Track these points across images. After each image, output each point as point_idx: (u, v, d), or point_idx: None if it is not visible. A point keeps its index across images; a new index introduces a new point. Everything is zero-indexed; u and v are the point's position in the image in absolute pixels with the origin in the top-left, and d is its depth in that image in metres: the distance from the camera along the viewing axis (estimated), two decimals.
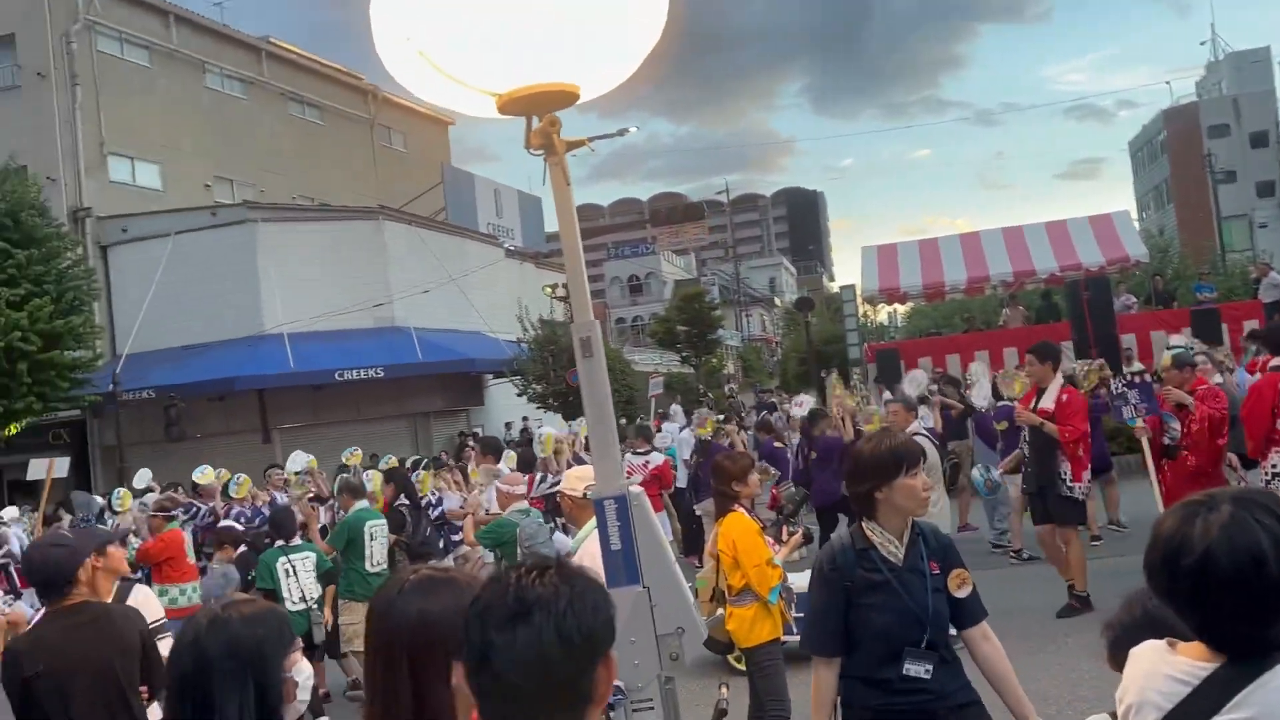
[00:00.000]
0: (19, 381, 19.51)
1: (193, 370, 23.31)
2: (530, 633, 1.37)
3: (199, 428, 23.05)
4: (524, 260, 34.64)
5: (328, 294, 24.41)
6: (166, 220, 25.59)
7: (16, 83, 25.94)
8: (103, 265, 25.41)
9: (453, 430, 27.78)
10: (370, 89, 37.30)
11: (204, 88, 30.27)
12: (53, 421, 22.73)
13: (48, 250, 20.71)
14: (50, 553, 3.97)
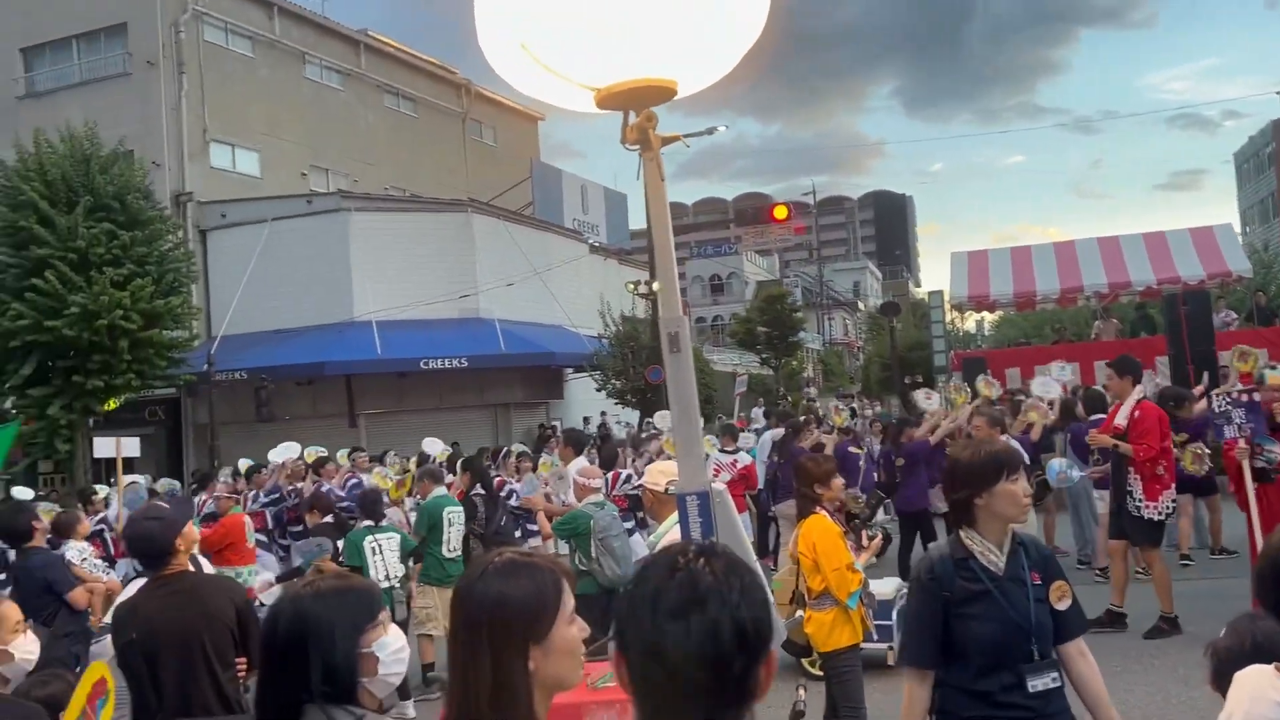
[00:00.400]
0: (119, 358, 20.21)
1: (283, 354, 23.92)
2: (705, 623, 1.32)
3: (287, 410, 23.64)
4: (607, 256, 34.81)
5: (415, 283, 24.84)
6: (263, 207, 26.30)
7: (128, 70, 26.89)
8: (202, 249, 26.21)
9: (532, 422, 28.07)
10: (463, 83, 37.84)
11: (303, 78, 31.02)
12: (149, 399, 23.50)
13: (151, 232, 21.39)
14: (146, 526, 4.11)
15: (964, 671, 3.19)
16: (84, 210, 19.95)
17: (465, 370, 24.96)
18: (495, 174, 37.23)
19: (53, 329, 19.23)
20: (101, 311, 19.38)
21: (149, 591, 4.15)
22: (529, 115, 42.11)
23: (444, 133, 36.73)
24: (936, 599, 3.21)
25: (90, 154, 20.78)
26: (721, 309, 64.60)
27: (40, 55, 28.35)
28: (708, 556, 1.40)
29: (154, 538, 4.09)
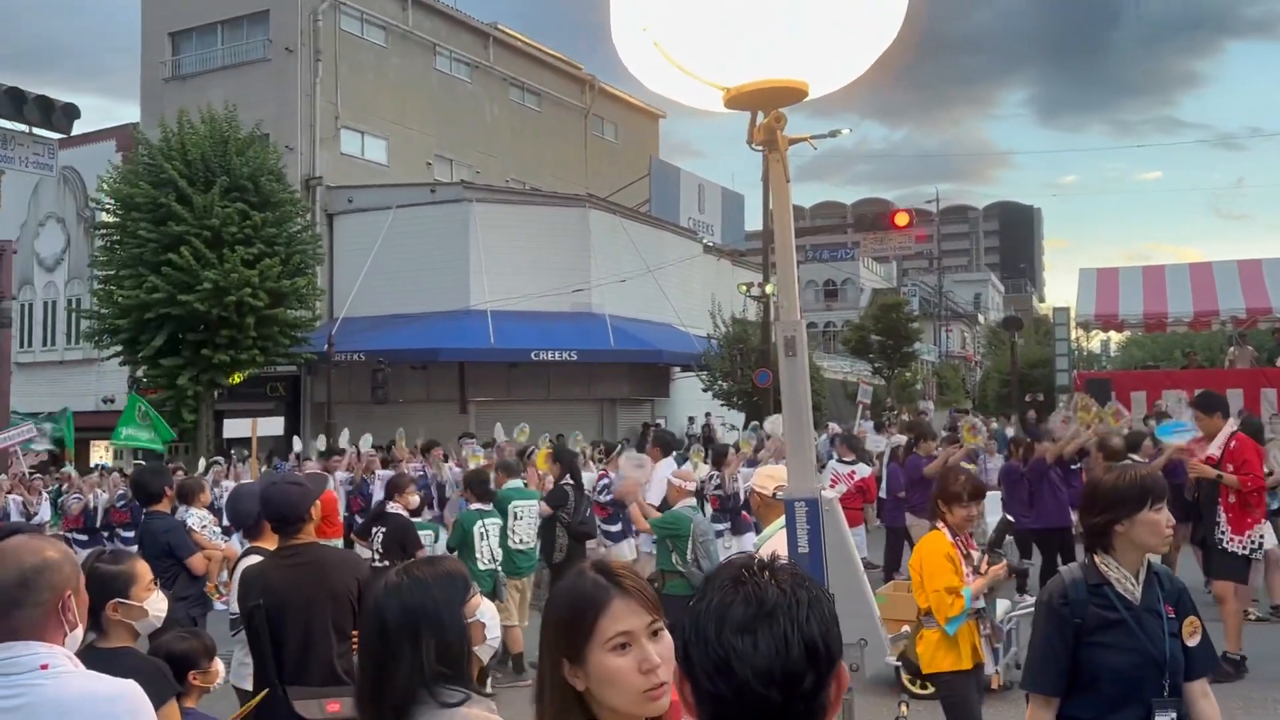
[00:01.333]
0: (246, 334, 21.04)
1: (400, 338, 24.53)
2: (773, 638, 1.28)
3: (401, 393, 24.24)
4: (721, 257, 34.71)
5: (530, 275, 25.18)
6: (389, 194, 27.01)
7: (267, 56, 27.93)
8: (328, 232, 27.06)
9: (637, 419, 28.17)
10: (588, 79, 38.19)
11: (433, 69, 31.74)
12: (272, 375, 24.38)
13: (281, 214, 22.20)
14: (288, 490, 4.28)
15: (1090, 702, 3.08)
16: (220, 190, 20.81)
17: (574, 363, 25.21)
18: (614, 170, 37.48)
19: (185, 303, 20.12)
20: (231, 288, 20.20)
21: (277, 559, 4.29)
22: (651, 113, 42.27)
23: (566, 128, 37.14)
24: (1068, 625, 3.10)
25: (229, 136, 21.66)
26: (834, 315, 63.81)
27: (187, 39, 29.64)
28: (773, 570, 1.36)
29: (293, 503, 4.23)
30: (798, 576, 1.36)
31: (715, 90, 2.75)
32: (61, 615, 2.28)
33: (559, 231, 26.52)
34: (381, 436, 20.64)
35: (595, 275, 25.98)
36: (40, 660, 2.19)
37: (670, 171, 36.03)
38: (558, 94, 36.78)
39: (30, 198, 30.32)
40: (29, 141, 12.52)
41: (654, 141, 42.51)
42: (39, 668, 2.19)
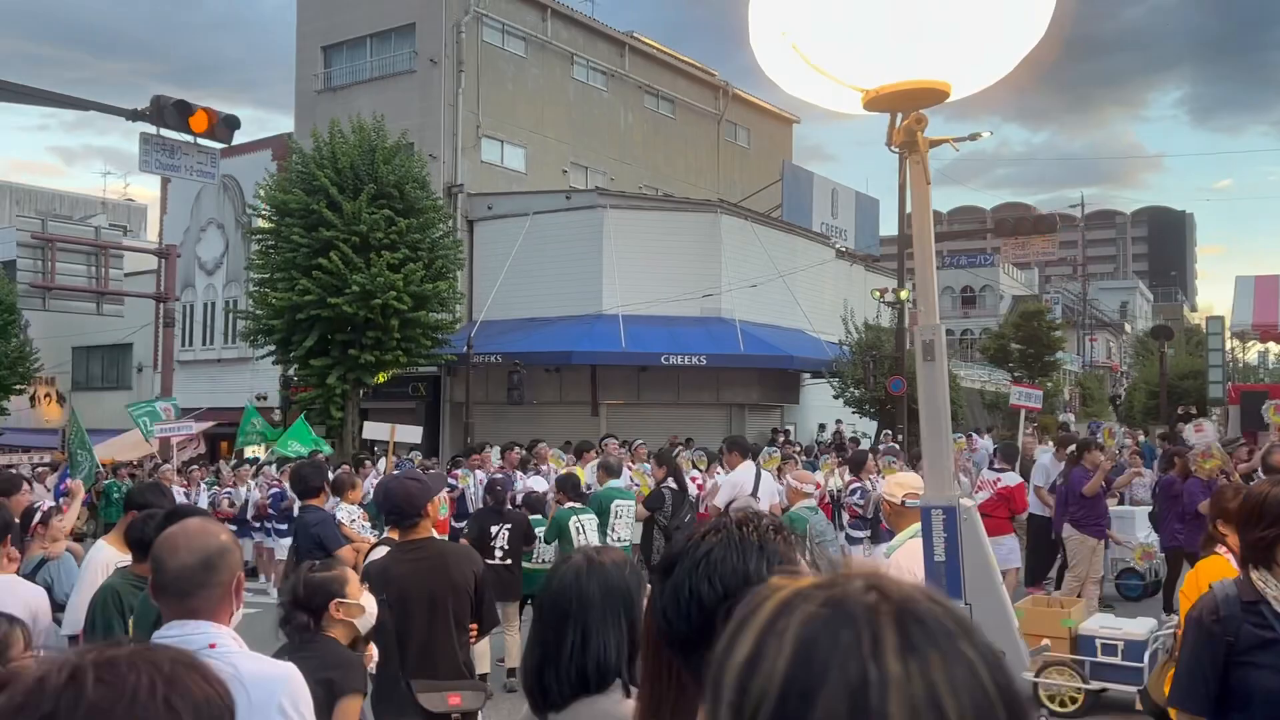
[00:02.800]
0: (390, 336, 21.83)
1: (535, 341, 25.02)
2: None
3: (536, 395, 24.72)
4: (854, 262, 34.22)
5: (662, 280, 25.35)
6: (526, 200, 27.60)
7: (413, 68, 28.91)
8: (468, 238, 27.79)
9: (766, 425, 28.02)
10: (721, 85, 38.22)
11: (570, 78, 32.29)
12: (413, 375, 25.18)
13: (424, 220, 22.95)
14: (407, 485, 4.46)
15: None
16: (367, 197, 21.65)
17: (704, 368, 25.25)
18: (746, 176, 37.38)
19: (334, 305, 20.99)
20: (377, 292, 20.98)
21: (399, 554, 4.45)
22: (784, 118, 42.00)
23: (699, 134, 37.25)
24: (1219, 643, 2.96)
25: (376, 145, 22.51)
26: (972, 322, 62.06)
27: (338, 53, 30.92)
28: None
29: (412, 497, 4.41)
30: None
31: (854, 93, 2.75)
32: (234, 597, 2.43)
33: (690, 237, 26.62)
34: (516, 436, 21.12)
35: (726, 280, 25.97)
36: (209, 640, 2.33)
37: (803, 176, 35.71)
38: (691, 100, 36.92)
39: (193, 205, 32.14)
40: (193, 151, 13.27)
41: (787, 146, 42.22)
42: (207, 647, 2.33)
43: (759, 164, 38.40)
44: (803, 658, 0.74)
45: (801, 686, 0.73)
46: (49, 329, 32.06)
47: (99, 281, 21.79)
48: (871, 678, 0.71)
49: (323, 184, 21.68)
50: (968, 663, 0.73)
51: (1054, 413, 35.80)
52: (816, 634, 0.75)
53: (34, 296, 21.62)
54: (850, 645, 0.73)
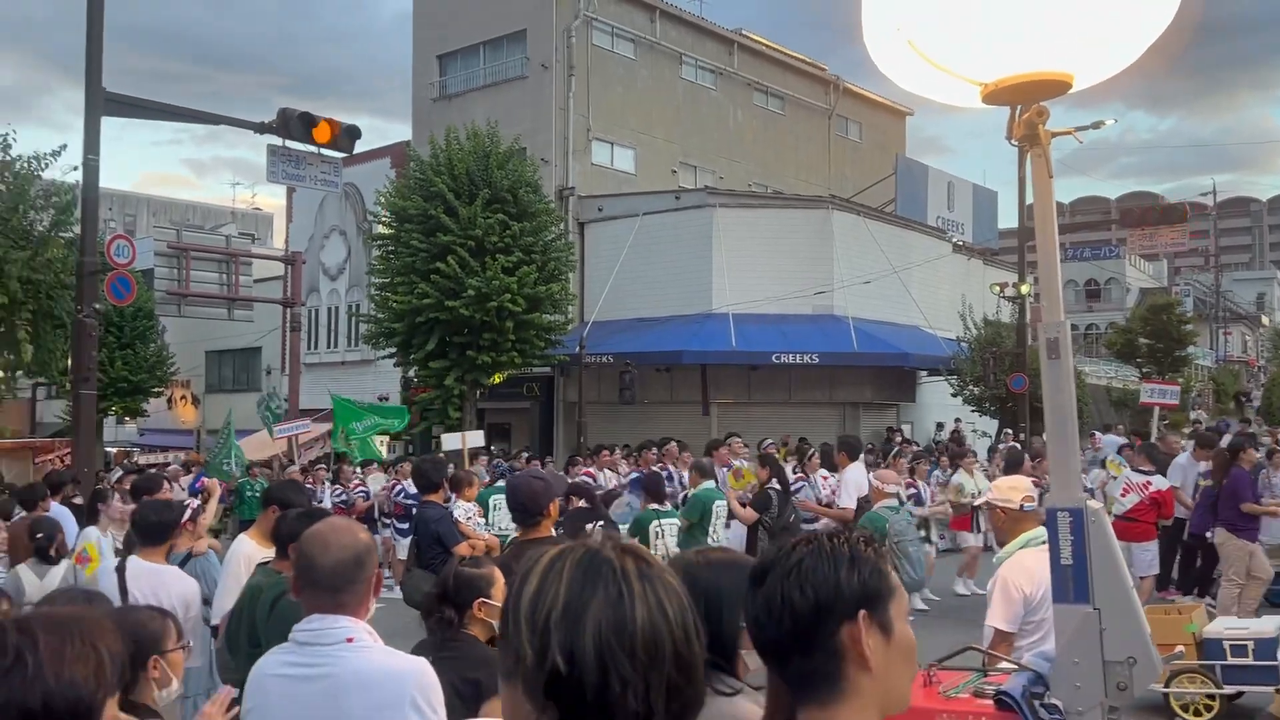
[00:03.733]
0: (505, 338, 22.24)
1: (645, 341, 25.15)
2: None
3: (646, 394, 24.86)
4: (971, 256, 33.40)
5: (772, 278, 25.19)
6: (635, 201, 27.77)
7: (525, 73, 29.37)
8: (579, 239, 28.10)
9: (881, 424, 27.58)
10: (832, 80, 37.76)
11: (679, 78, 32.34)
12: (528, 376, 25.59)
13: (538, 224, 23.31)
14: (532, 484, 4.56)
15: None
16: (482, 202, 22.09)
17: (816, 367, 24.98)
18: (858, 170, 36.84)
19: (452, 308, 21.48)
20: (492, 294, 21.39)
21: (518, 553, 4.56)
22: (897, 111, 41.27)
23: (809, 129, 36.88)
24: None
25: (490, 151, 22.94)
26: (1096, 317, 59.97)
27: (453, 61, 31.61)
28: None
29: (536, 496, 4.50)
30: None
31: (972, 86, 2.70)
32: (372, 594, 2.52)
33: (801, 234, 26.38)
34: (628, 436, 21.28)
35: (838, 277, 25.65)
36: (346, 634, 2.42)
37: (917, 169, 35.01)
38: (801, 96, 36.57)
39: (316, 213, 33.29)
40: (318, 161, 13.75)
41: (900, 139, 41.46)
42: (344, 640, 2.42)
43: (871, 158, 37.80)
44: (577, 584, 1.19)
45: (578, 602, 1.17)
46: (184, 334, 33.65)
47: (230, 288, 22.73)
48: (624, 592, 1.18)
49: (440, 190, 22.20)
50: (675, 588, 1.23)
51: (1185, 410, 34.33)
52: (585, 570, 1.20)
53: (170, 303, 22.65)
54: (608, 575, 1.19)
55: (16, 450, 18.94)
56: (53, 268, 20.14)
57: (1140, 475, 10.61)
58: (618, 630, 1.15)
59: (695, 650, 1.21)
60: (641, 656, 1.15)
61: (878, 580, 1.56)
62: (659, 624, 1.18)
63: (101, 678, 1.37)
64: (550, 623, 1.17)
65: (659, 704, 1.15)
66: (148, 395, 32.79)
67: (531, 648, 1.17)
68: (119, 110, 12.29)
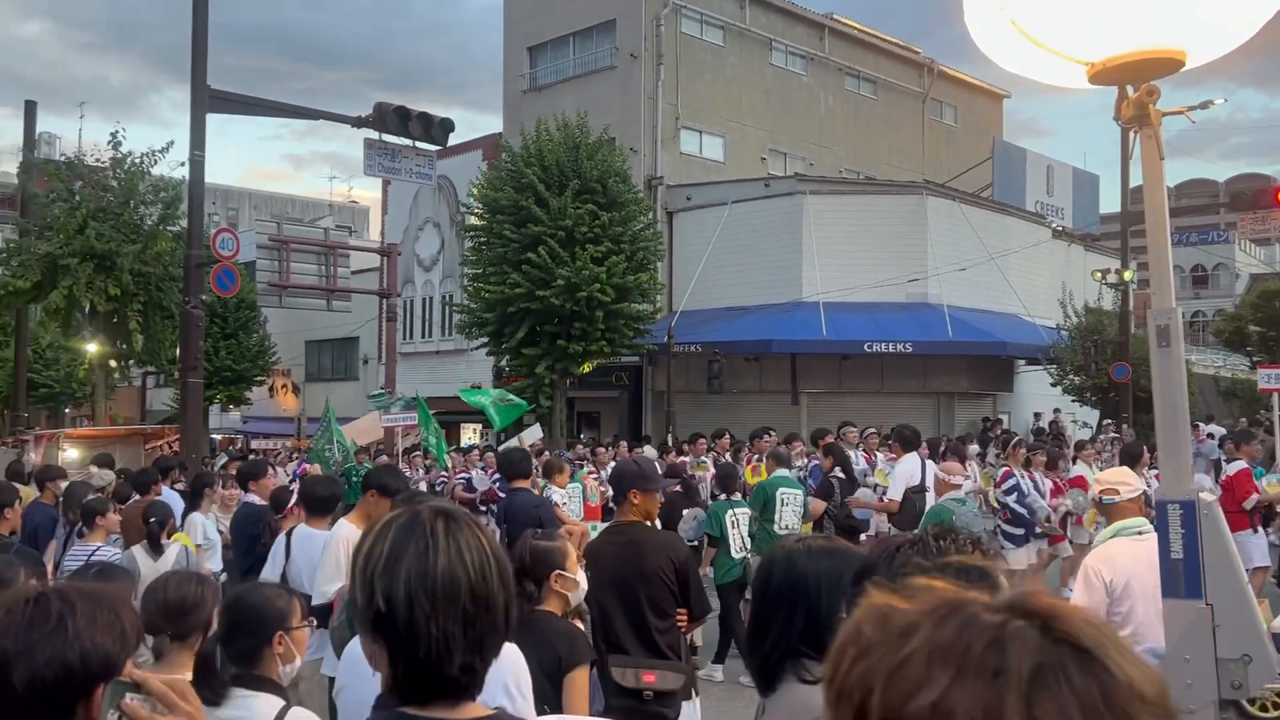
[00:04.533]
0: (595, 327, 22.39)
1: (734, 330, 25.05)
2: None
3: (735, 384, 24.76)
4: (1072, 242, 32.46)
5: (864, 266, 24.84)
6: (724, 190, 27.64)
7: (614, 64, 29.45)
8: (668, 229, 28.09)
9: (976, 414, 27.02)
10: (926, 63, 37.01)
11: (769, 65, 32.06)
12: (616, 365, 25.73)
13: (626, 214, 23.39)
14: (628, 466, 4.62)
15: None
16: (572, 192, 22.25)
17: (909, 355, 24.58)
18: (953, 155, 36.09)
19: (542, 298, 21.71)
20: (582, 284, 21.55)
21: (607, 535, 4.66)
22: (994, 93, 40.28)
23: (902, 114, 36.24)
24: None
25: (580, 141, 23.09)
26: (1204, 304, 57.78)
27: (543, 53, 31.85)
28: None
29: (622, 480, 4.56)
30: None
31: (1079, 66, 2.63)
32: None
33: (894, 220, 25.95)
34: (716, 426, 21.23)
35: (933, 264, 25.17)
36: None
37: (1015, 153, 34.12)
38: (894, 80, 35.94)
39: (411, 205, 33.92)
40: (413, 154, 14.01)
41: (997, 122, 40.47)
42: None
43: (967, 142, 36.99)
44: (397, 539, 1.48)
45: (398, 551, 1.47)
46: (284, 324, 34.65)
47: (328, 279, 23.36)
48: (430, 544, 1.47)
49: (530, 181, 22.43)
50: (479, 540, 1.51)
51: None
52: (403, 530, 1.49)
53: (271, 294, 23.41)
54: (419, 533, 1.48)
55: (129, 436, 19.74)
56: (161, 260, 20.98)
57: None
58: (421, 576, 1.45)
59: (493, 588, 1.50)
60: (440, 595, 1.45)
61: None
62: (457, 569, 1.46)
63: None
64: (375, 574, 1.47)
65: (455, 630, 1.45)
66: (250, 384, 33.87)
67: (363, 595, 1.49)
68: (223, 107, 12.70)
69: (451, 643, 1.46)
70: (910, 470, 9.66)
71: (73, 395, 33.04)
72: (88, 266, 20.13)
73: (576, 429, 27.60)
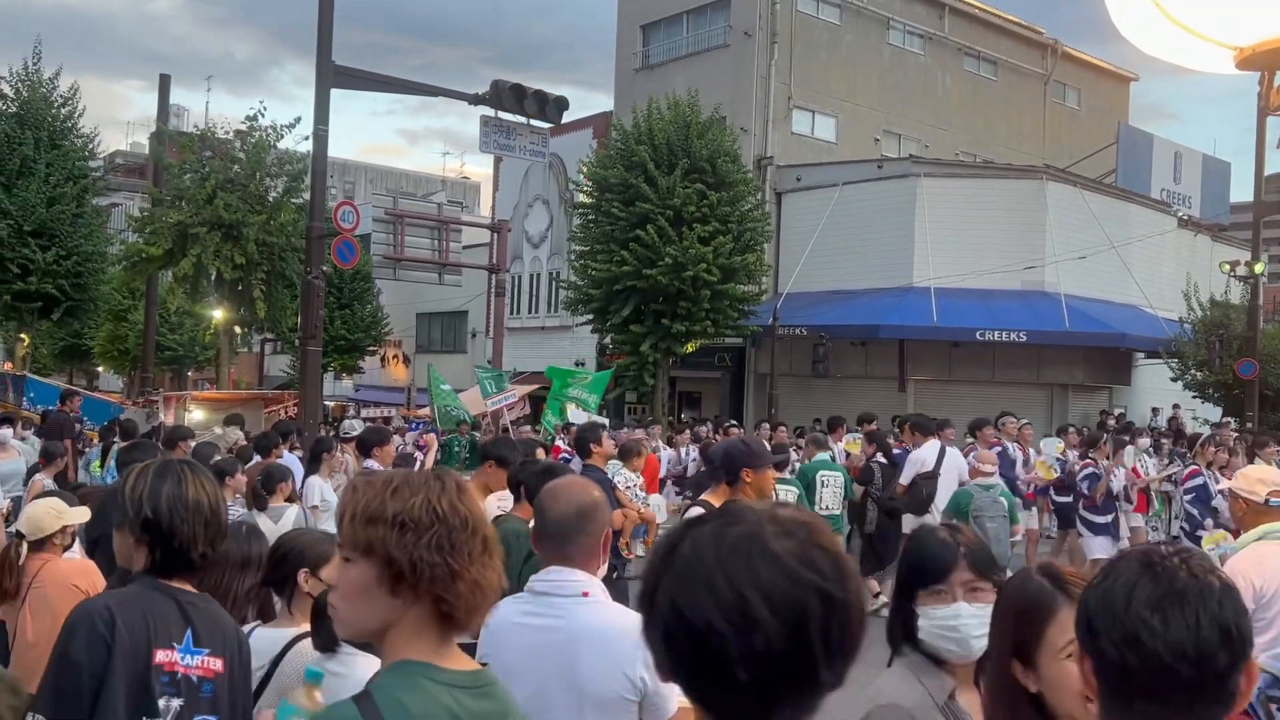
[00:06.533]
0: (699, 307, 22.40)
1: (841, 314, 24.72)
2: (1184, 617, 1.31)
3: (840, 369, 24.48)
4: (1199, 232, 31.12)
5: (978, 251, 24.25)
6: (835, 171, 27.25)
7: (727, 42, 29.24)
8: (776, 210, 27.85)
9: (1092, 407, 26.20)
10: (1049, 43, 35.81)
11: (886, 44, 31.44)
12: (720, 346, 25.69)
13: (735, 194, 23.28)
14: (735, 446, 4.62)
15: None
16: (681, 172, 22.24)
17: (1023, 345, 23.94)
18: (1076, 139, 34.90)
19: (649, 276, 21.80)
20: (688, 264, 21.56)
21: (712, 514, 4.65)
22: (1120, 76, 38.77)
23: (1023, 96, 35.16)
24: None
25: (690, 120, 23.04)
26: None
27: (656, 30, 31.81)
28: (1183, 556, 1.38)
29: (730, 458, 4.54)
30: (1208, 566, 1.37)
31: (1226, 50, 2.54)
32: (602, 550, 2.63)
33: (1011, 205, 25.24)
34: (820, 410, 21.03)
35: (1050, 252, 24.43)
36: (583, 588, 2.52)
37: (1141, 138, 32.82)
38: (1016, 61, 34.86)
39: (521, 182, 34.37)
40: (527, 132, 14.21)
41: (1123, 106, 38.94)
42: (580, 594, 2.52)
43: (1090, 126, 35.71)
44: (157, 479, 2.47)
45: (155, 486, 2.45)
46: (397, 296, 35.53)
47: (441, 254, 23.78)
48: (182, 480, 2.51)
49: (641, 160, 22.49)
50: (213, 486, 2.56)
51: None
52: (160, 471, 2.51)
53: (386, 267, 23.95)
54: (175, 472, 2.51)
55: (250, 400, 20.53)
56: (284, 231, 21.72)
57: None
58: (177, 498, 2.42)
59: (221, 514, 2.52)
60: (188, 511, 2.41)
61: None
62: (201, 497, 2.45)
63: None
64: (143, 496, 2.41)
65: (200, 532, 2.42)
66: (363, 353, 34.88)
67: (134, 509, 2.40)
68: (347, 82, 13.06)
69: (196, 538, 2.42)
70: (925, 457, 10.03)
71: (195, 358, 34.49)
72: (215, 235, 20.97)
73: (678, 408, 27.69)
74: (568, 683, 2.44)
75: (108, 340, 34.80)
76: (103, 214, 27.73)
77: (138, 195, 37.82)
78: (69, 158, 23.89)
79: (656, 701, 2.46)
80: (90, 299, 25.46)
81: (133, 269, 23.19)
